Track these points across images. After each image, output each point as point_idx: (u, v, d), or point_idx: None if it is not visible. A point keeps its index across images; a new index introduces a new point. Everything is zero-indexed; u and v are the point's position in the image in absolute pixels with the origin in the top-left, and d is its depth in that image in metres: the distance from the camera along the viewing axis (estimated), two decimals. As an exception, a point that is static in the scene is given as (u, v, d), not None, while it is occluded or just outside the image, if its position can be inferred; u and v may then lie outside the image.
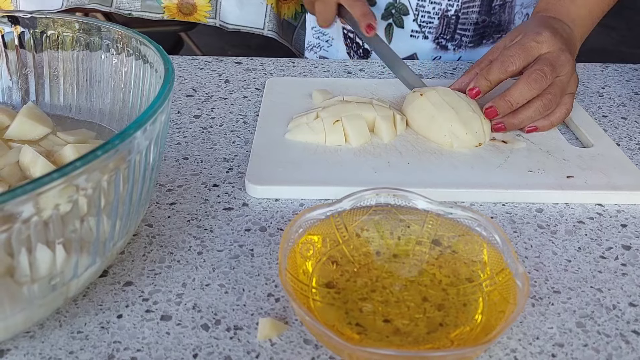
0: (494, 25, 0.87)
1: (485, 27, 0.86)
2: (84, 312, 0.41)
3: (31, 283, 0.34)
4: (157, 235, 0.49)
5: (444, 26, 0.86)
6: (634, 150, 0.63)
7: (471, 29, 0.86)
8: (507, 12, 0.86)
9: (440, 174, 0.55)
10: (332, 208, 0.45)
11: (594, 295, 0.44)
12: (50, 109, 0.56)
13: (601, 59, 0.95)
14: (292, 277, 0.39)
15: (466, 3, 0.83)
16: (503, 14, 0.86)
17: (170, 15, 1.48)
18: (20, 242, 0.32)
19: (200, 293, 0.43)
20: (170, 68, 0.43)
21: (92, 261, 0.38)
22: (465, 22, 0.86)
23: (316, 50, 0.98)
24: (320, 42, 0.97)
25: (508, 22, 0.87)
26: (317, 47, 0.98)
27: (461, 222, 0.45)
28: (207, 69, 0.81)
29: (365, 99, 0.66)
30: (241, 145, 0.62)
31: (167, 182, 0.56)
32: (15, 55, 0.56)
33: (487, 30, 0.87)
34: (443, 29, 0.86)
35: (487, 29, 0.87)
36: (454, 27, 0.86)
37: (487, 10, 0.84)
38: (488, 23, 0.86)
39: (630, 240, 0.50)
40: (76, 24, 0.53)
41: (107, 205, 0.37)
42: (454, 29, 0.86)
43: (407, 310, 0.39)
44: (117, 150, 0.34)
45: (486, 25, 0.86)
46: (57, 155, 0.47)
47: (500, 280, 0.40)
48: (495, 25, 0.87)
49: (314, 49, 0.98)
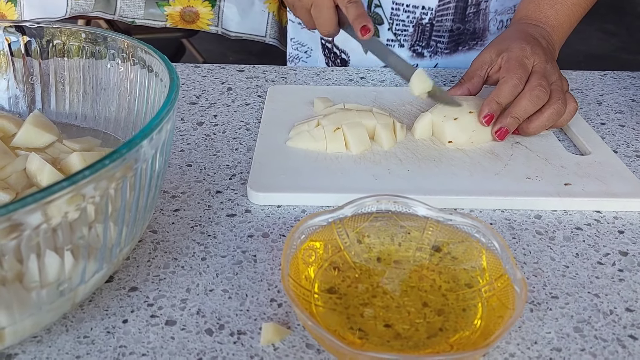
0: (469, 32, 0.87)
1: (460, 34, 0.87)
2: (90, 317, 0.42)
3: (40, 288, 0.35)
4: (161, 241, 0.50)
5: (419, 34, 0.87)
6: (631, 158, 0.64)
7: (446, 35, 0.87)
8: (482, 20, 0.87)
9: (439, 181, 0.56)
10: (334, 215, 0.46)
11: (591, 300, 0.45)
12: (56, 116, 0.57)
13: (601, 65, 0.96)
14: (295, 282, 0.40)
15: (440, 11, 0.84)
16: (477, 21, 0.87)
17: (172, 23, 1.49)
18: (30, 248, 0.33)
19: (204, 298, 0.44)
20: (175, 77, 0.44)
21: (99, 267, 0.38)
22: (440, 30, 0.86)
23: (296, 62, 0.99)
24: (299, 54, 0.99)
25: (483, 29, 0.88)
26: (297, 58, 0.99)
27: (460, 229, 0.46)
28: (210, 77, 0.82)
29: (366, 107, 0.67)
30: (244, 152, 0.63)
31: (171, 188, 0.57)
32: (21, 64, 0.57)
33: (462, 37, 0.88)
34: (418, 36, 0.87)
35: (462, 36, 0.87)
36: (428, 34, 0.87)
37: (461, 17, 0.85)
38: (463, 30, 0.87)
39: (627, 247, 0.50)
40: (82, 34, 0.54)
41: (114, 212, 0.37)
42: (429, 36, 0.87)
43: (407, 316, 0.40)
44: (125, 159, 0.35)
45: (461, 32, 0.87)
46: (64, 163, 0.48)
47: (499, 286, 0.41)
48: (470, 32, 0.87)
49: (294, 61, 1.00)
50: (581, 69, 0.87)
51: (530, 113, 0.62)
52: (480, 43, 0.88)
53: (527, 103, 0.61)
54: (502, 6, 0.86)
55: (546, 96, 0.61)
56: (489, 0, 0.85)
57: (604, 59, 3.14)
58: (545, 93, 0.61)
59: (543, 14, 0.71)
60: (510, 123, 0.62)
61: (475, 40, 0.88)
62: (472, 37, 0.88)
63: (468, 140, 0.62)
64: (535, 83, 0.61)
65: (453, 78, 0.83)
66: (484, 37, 0.88)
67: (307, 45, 0.97)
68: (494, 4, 0.85)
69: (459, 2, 0.83)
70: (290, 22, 1.00)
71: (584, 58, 0.88)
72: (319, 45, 0.95)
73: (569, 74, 0.84)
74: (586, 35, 3.24)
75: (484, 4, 0.85)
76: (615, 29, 3.53)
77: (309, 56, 0.98)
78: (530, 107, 0.61)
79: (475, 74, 0.67)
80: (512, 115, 0.61)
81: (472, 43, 0.88)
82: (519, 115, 0.61)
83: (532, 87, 0.61)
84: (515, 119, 0.61)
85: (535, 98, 0.61)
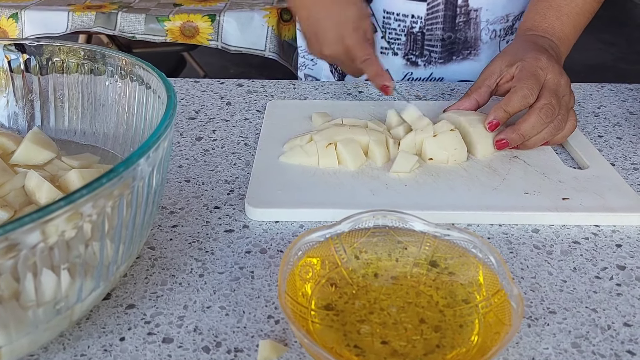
0: (461, 41, 0.88)
1: (452, 43, 0.88)
2: (87, 335, 0.42)
3: (36, 307, 0.35)
4: (159, 257, 0.50)
5: (412, 42, 0.88)
6: (629, 170, 0.64)
7: (438, 44, 0.88)
8: (473, 29, 0.87)
9: (437, 196, 0.56)
10: (331, 230, 0.46)
11: (589, 315, 0.45)
12: (55, 133, 0.57)
13: (600, 75, 0.97)
14: (292, 299, 0.40)
15: (429, 20, 0.85)
16: (468, 30, 0.87)
17: (172, 37, 1.51)
18: (26, 267, 0.33)
19: (201, 315, 0.44)
20: (173, 95, 0.44)
21: (96, 285, 0.38)
22: (431, 39, 0.87)
23: (302, 69, 1.01)
24: (306, 61, 1.00)
25: (475, 39, 0.88)
26: (304, 66, 1.00)
27: (458, 244, 0.46)
28: (209, 91, 0.83)
29: (361, 122, 0.67)
30: (242, 167, 0.63)
31: (169, 204, 0.57)
32: (21, 81, 0.57)
33: (455, 46, 0.88)
34: (411, 45, 0.88)
35: (454, 45, 0.88)
36: (421, 43, 0.88)
37: (450, 26, 0.86)
38: (454, 39, 0.87)
39: (625, 260, 0.50)
40: (81, 51, 0.55)
41: (110, 230, 0.38)
42: (422, 45, 0.88)
43: (404, 332, 0.40)
44: (122, 177, 0.35)
45: (453, 41, 0.88)
46: (62, 180, 0.48)
47: (495, 302, 0.41)
48: (462, 41, 0.88)
49: (302, 68, 1.01)
50: (580, 78, 0.87)
51: (538, 131, 0.62)
52: (473, 52, 0.89)
53: (536, 121, 0.61)
54: (494, 15, 0.87)
55: (554, 114, 0.62)
56: (479, 10, 0.85)
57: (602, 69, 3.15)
58: (553, 112, 0.61)
59: (550, 26, 0.71)
60: (515, 139, 0.62)
61: (468, 50, 0.89)
62: (465, 47, 0.88)
63: (449, 158, 0.61)
64: (546, 101, 0.61)
65: (450, 92, 0.84)
66: (476, 46, 0.89)
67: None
68: (485, 13, 0.86)
69: (447, 10, 0.84)
70: (298, 30, 1.01)
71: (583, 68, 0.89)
72: None
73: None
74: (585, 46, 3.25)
75: (474, 13, 0.85)
76: (614, 39, 3.55)
77: (315, 64, 0.99)
78: (538, 126, 0.61)
79: (484, 84, 0.67)
80: (519, 132, 0.62)
81: (466, 52, 0.89)
82: (525, 133, 0.61)
83: (541, 105, 0.61)
84: (521, 137, 0.62)
85: (544, 116, 0.61)
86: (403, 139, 0.63)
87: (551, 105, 0.61)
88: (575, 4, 0.72)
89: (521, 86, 0.62)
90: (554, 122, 0.62)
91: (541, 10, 0.73)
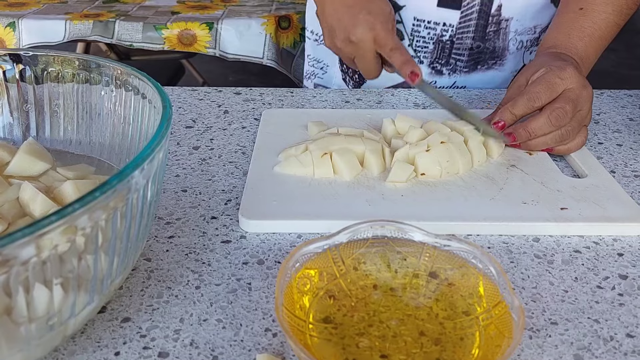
0: (489, 51, 0.88)
1: (479, 52, 0.88)
2: (82, 350, 0.41)
3: (29, 323, 0.34)
4: (155, 269, 0.49)
5: (439, 51, 0.87)
6: (629, 178, 0.63)
7: (466, 54, 0.88)
8: (502, 39, 0.87)
9: (434, 206, 0.56)
10: (329, 241, 0.45)
11: (591, 326, 0.44)
12: (50, 143, 0.57)
13: (600, 80, 0.96)
14: (289, 313, 0.40)
15: (461, 29, 0.85)
16: (497, 40, 0.88)
17: (170, 45, 1.51)
18: (19, 282, 0.32)
19: (197, 329, 0.43)
20: (168, 106, 0.44)
21: (90, 299, 0.38)
22: (459, 47, 0.87)
23: (312, 78, 0.99)
24: (315, 70, 0.99)
25: (502, 49, 0.89)
26: (313, 75, 0.99)
27: (457, 255, 0.45)
28: (207, 100, 0.82)
29: (357, 131, 0.66)
30: (239, 176, 0.63)
31: (165, 215, 0.56)
32: (16, 91, 0.57)
33: (482, 55, 0.89)
34: (438, 53, 0.88)
35: (481, 54, 0.88)
36: (448, 51, 0.88)
37: (481, 36, 0.86)
38: (482, 49, 0.88)
39: (627, 270, 0.50)
40: (76, 61, 0.54)
41: (104, 242, 0.37)
42: (449, 54, 0.88)
43: (404, 345, 0.39)
44: (115, 190, 0.35)
45: (481, 51, 0.88)
46: (57, 192, 0.47)
47: (496, 314, 0.40)
48: (489, 51, 0.88)
49: (310, 77, 1.00)
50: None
51: (545, 132, 0.62)
52: (499, 62, 0.89)
53: (544, 122, 0.61)
54: (523, 26, 0.87)
55: (565, 121, 0.62)
56: (509, 20, 0.85)
57: (602, 74, 3.14)
58: (565, 117, 0.61)
59: (572, 45, 0.71)
60: (521, 135, 0.63)
61: (494, 60, 0.89)
62: (492, 57, 0.89)
63: (442, 172, 0.60)
64: (559, 105, 0.62)
65: (475, 97, 0.83)
66: (503, 56, 0.89)
67: (323, 61, 0.97)
68: (515, 23, 0.86)
69: (480, 19, 0.84)
70: (307, 38, 1.00)
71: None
72: (336, 60, 0.95)
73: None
74: (584, 52, 3.24)
75: (505, 23, 0.86)
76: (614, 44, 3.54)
77: (325, 72, 0.98)
78: (546, 127, 0.62)
79: (509, 97, 0.67)
80: (527, 129, 0.62)
81: (491, 62, 0.89)
82: (532, 131, 0.62)
83: (554, 107, 0.62)
84: (527, 134, 0.62)
85: (554, 119, 0.61)
86: (397, 152, 0.61)
87: (564, 111, 0.61)
88: (599, 26, 0.72)
89: (529, 89, 0.63)
90: (563, 129, 0.62)
91: (564, 30, 0.73)
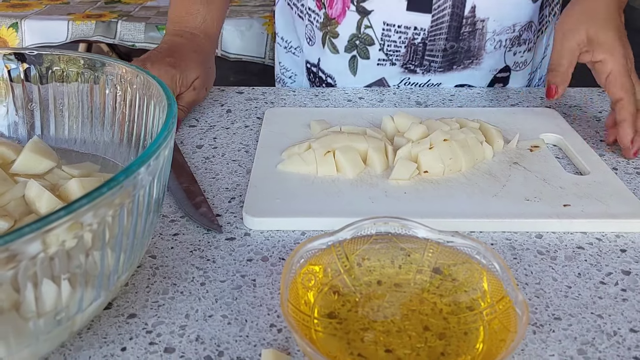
0: (463, 50, 0.86)
1: (454, 52, 0.86)
2: (88, 346, 0.41)
3: (37, 318, 0.35)
4: (160, 266, 0.49)
5: (412, 53, 0.86)
6: (632, 175, 0.64)
7: (440, 55, 0.85)
8: (478, 39, 0.85)
9: (437, 203, 0.56)
10: (333, 238, 0.46)
11: (594, 321, 0.44)
12: (55, 142, 0.57)
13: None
14: (294, 308, 0.40)
15: (433, 31, 0.83)
16: (473, 40, 0.85)
17: (172, 45, 1.51)
18: (27, 277, 0.33)
19: (203, 324, 0.43)
20: (172, 104, 0.44)
21: (97, 295, 0.38)
22: (433, 49, 0.85)
23: (282, 85, 1.00)
24: (284, 78, 0.99)
25: (478, 48, 0.86)
26: (282, 82, 1.00)
27: (461, 250, 0.45)
28: (209, 99, 0.82)
29: (360, 129, 0.66)
30: (243, 174, 0.63)
31: (170, 212, 0.57)
32: (21, 90, 0.57)
33: (457, 56, 0.86)
34: (411, 56, 0.86)
35: (456, 55, 0.86)
36: (421, 53, 0.85)
37: (455, 36, 0.84)
38: (457, 49, 0.85)
39: (630, 265, 0.50)
40: (81, 60, 0.55)
41: (111, 239, 0.37)
42: (422, 56, 0.86)
43: (408, 340, 0.40)
44: (122, 186, 0.35)
45: (455, 51, 0.85)
46: (62, 190, 0.48)
47: (500, 309, 0.41)
48: (464, 50, 0.86)
49: (280, 83, 1.01)
50: (580, 83, 0.87)
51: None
52: (475, 62, 0.87)
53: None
54: (501, 26, 0.85)
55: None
56: (485, 20, 0.83)
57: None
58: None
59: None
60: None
61: (470, 59, 0.87)
62: (467, 56, 0.86)
63: (445, 170, 0.60)
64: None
65: (451, 97, 0.83)
66: (479, 55, 0.86)
67: (291, 70, 0.98)
68: (492, 24, 0.84)
69: (453, 22, 0.82)
70: (277, 45, 1.00)
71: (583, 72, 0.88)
72: (304, 70, 0.94)
73: (567, 90, 0.84)
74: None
75: (481, 24, 0.84)
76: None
77: (293, 81, 0.98)
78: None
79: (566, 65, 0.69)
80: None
81: (467, 62, 0.87)
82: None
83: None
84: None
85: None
86: (399, 150, 0.62)
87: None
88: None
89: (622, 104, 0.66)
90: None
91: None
